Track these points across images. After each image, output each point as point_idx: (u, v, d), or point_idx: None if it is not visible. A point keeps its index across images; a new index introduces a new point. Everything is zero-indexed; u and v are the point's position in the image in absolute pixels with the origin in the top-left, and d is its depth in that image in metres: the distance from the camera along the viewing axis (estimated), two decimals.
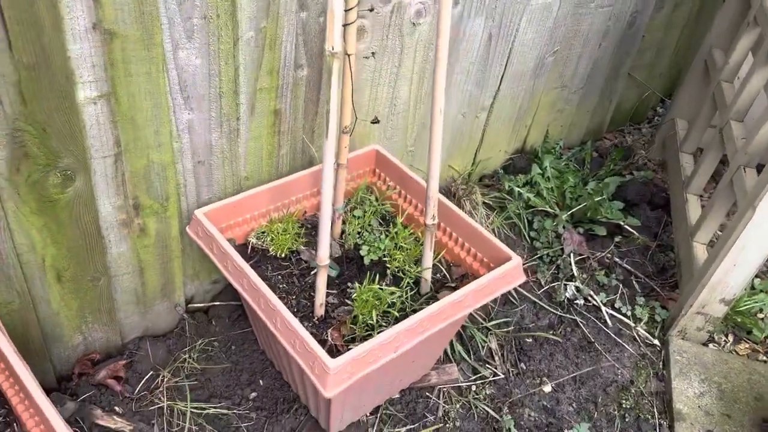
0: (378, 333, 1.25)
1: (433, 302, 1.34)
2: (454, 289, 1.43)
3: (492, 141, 2.28)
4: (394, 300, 1.34)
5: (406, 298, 1.38)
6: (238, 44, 1.34)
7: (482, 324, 1.88)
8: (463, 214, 1.48)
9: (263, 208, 1.53)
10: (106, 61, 1.17)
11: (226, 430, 1.53)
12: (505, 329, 1.88)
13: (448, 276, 1.48)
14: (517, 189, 2.26)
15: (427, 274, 1.41)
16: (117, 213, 1.39)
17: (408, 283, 1.41)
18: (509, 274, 1.39)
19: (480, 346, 1.82)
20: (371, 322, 1.29)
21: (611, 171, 2.48)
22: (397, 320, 1.31)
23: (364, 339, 1.28)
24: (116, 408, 1.53)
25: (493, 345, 1.84)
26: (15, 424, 1.12)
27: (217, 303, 1.78)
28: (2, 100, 1.09)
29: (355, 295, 1.34)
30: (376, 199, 1.59)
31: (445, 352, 1.77)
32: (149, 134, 1.32)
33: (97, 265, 1.43)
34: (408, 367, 1.49)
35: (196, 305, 1.75)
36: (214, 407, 1.56)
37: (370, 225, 1.57)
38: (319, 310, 1.35)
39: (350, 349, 1.20)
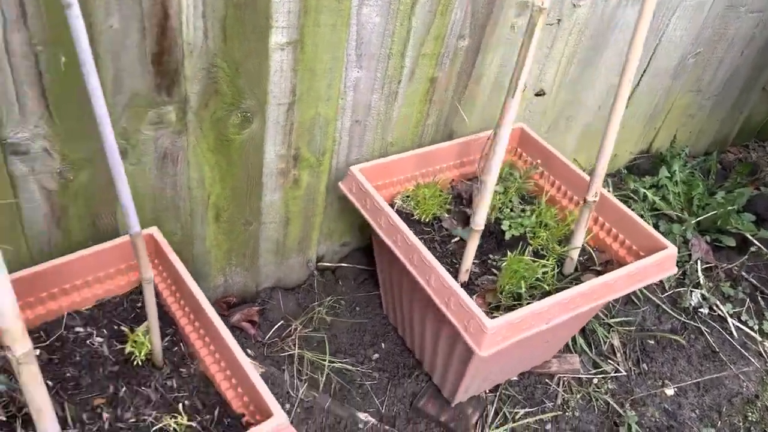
0: (526, 304, 1.24)
1: (576, 284, 1.32)
2: (599, 273, 1.41)
3: (620, 138, 2.23)
4: (544, 273, 1.34)
5: (552, 275, 1.37)
6: (415, 6, 1.36)
7: (603, 320, 1.84)
8: (615, 198, 1.46)
9: (409, 173, 1.55)
10: (300, 9, 1.22)
11: (351, 385, 1.56)
12: (627, 328, 1.84)
13: (594, 261, 1.46)
14: (642, 190, 2.21)
15: (575, 254, 1.40)
16: (278, 161, 1.44)
17: (552, 261, 1.40)
18: (663, 263, 1.35)
19: (601, 341, 1.79)
20: (520, 291, 1.29)
21: (737, 184, 2.38)
22: (544, 295, 1.30)
23: (509, 309, 1.28)
24: (248, 350, 1.58)
25: (615, 342, 1.80)
26: (181, 344, 1.18)
27: (344, 264, 1.82)
28: (207, 34, 1.15)
29: (504, 264, 1.34)
30: (520, 177, 1.58)
31: (566, 342, 1.74)
32: (322, 87, 1.37)
33: (251, 210, 1.49)
34: (540, 347, 1.48)
35: (324, 264, 1.80)
36: (340, 362, 1.60)
37: (510, 201, 1.57)
38: (464, 276, 1.36)
39: (495, 317, 1.20)
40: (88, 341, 1.15)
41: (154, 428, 1.02)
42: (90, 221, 1.26)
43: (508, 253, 1.38)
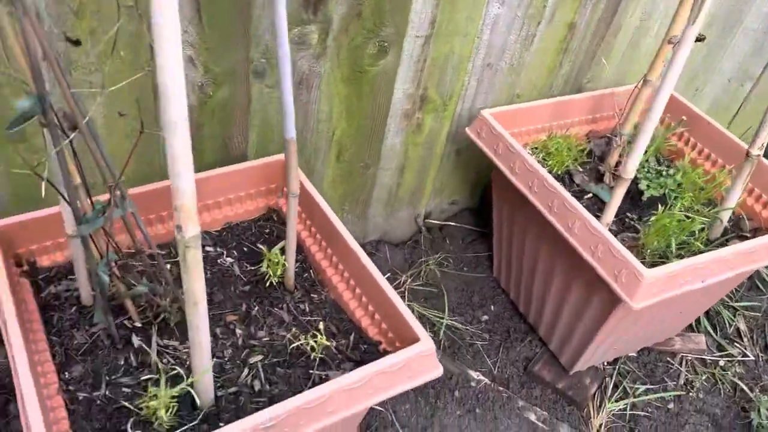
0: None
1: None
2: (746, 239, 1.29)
3: (746, 117, 2.08)
4: (699, 234, 1.23)
5: (703, 237, 1.26)
6: None
7: (728, 303, 1.71)
8: None
9: (539, 124, 1.47)
10: None
11: (461, 342, 1.49)
12: (753, 313, 1.70)
13: (743, 225, 1.34)
14: None
15: (726, 216, 1.28)
16: (405, 101, 1.39)
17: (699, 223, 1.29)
18: None
19: (727, 323, 1.66)
20: (666, 250, 1.19)
21: None
22: (693, 254, 1.20)
23: (652, 266, 1.18)
24: None
25: (742, 326, 1.66)
26: (311, 271, 1.14)
27: (452, 223, 1.75)
28: None
29: (652, 219, 1.24)
30: (661, 137, 1.47)
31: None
32: (461, 19, 1.30)
33: (371, 153, 1.44)
34: (671, 317, 1.37)
35: (431, 221, 1.74)
36: (450, 319, 1.53)
37: (647, 162, 1.46)
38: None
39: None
40: (218, 260, 1.12)
41: (292, 346, 0.98)
42: (222, 143, 1.23)
43: (667, 204, 1.28)
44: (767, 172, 1.35)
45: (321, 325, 1.01)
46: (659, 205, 1.32)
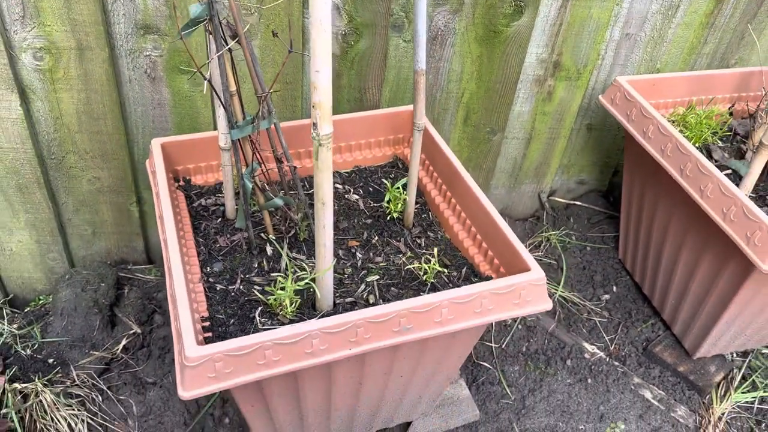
0: None
1: None
2: None
3: None
4: None
5: None
6: None
7: None
8: None
9: (678, 97, 1.42)
10: None
11: (578, 316, 1.47)
12: None
13: None
14: None
15: None
16: (537, 66, 1.40)
17: None
18: None
19: None
20: None
21: None
22: None
23: None
24: None
25: None
26: (429, 212, 1.18)
27: (578, 203, 1.72)
28: None
29: None
30: None
31: None
32: None
33: (499, 119, 1.47)
34: None
35: (556, 199, 1.72)
36: (568, 293, 1.51)
37: None
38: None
39: None
40: (345, 196, 1.20)
41: (406, 268, 1.03)
42: (358, 94, 1.32)
43: None
44: None
45: (435, 253, 1.06)
46: None
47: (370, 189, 1.23)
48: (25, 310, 1.37)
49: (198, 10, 0.82)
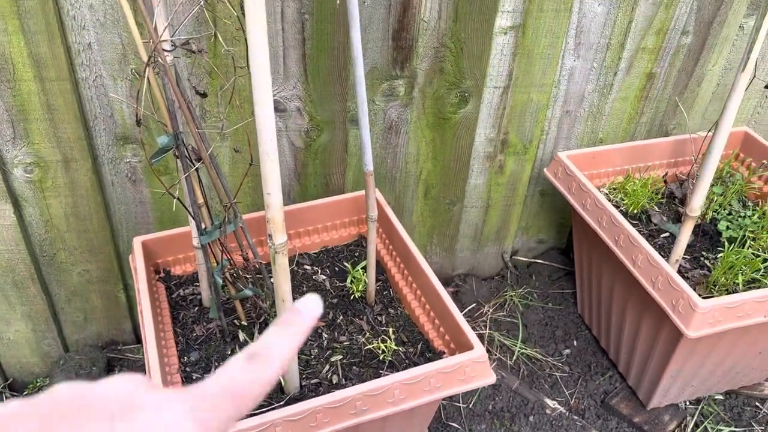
0: None
1: None
2: None
3: None
4: (764, 271, 1.25)
5: None
6: None
7: None
8: None
9: (618, 166, 1.55)
10: None
11: (540, 372, 1.57)
12: None
13: None
14: None
15: None
16: (487, 144, 1.53)
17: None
18: None
19: None
20: (736, 282, 1.22)
21: None
22: None
23: None
24: None
25: None
26: (390, 289, 1.29)
27: (539, 261, 1.84)
28: (441, 14, 1.29)
29: (720, 256, 1.27)
30: (742, 179, 1.50)
31: None
32: (537, 72, 1.44)
33: (457, 191, 1.59)
34: (750, 356, 1.36)
35: (519, 258, 1.84)
36: (531, 349, 1.61)
37: (729, 204, 1.48)
38: (673, 266, 1.32)
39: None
40: (314, 277, 1.31)
41: (365, 348, 1.14)
42: (323, 180, 1.45)
43: (737, 242, 1.31)
44: None
45: (392, 333, 1.17)
46: (734, 247, 1.35)
47: (336, 269, 1.34)
48: (24, 393, 1.46)
49: (165, 140, 0.94)
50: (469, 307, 1.72)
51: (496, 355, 1.60)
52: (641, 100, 1.58)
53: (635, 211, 1.47)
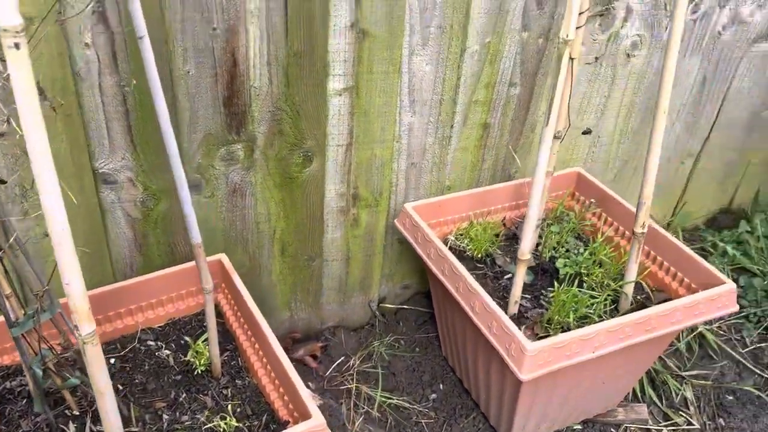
0: None
1: None
2: None
3: (696, 192, 2.18)
4: (593, 308, 1.33)
5: (605, 311, 1.36)
6: (463, 55, 1.47)
7: (676, 372, 1.76)
8: (671, 235, 1.44)
9: (463, 212, 1.62)
10: (355, 57, 1.35)
11: (407, 422, 1.58)
12: (703, 381, 1.74)
13: (651, 299, 1.43)
14: (721, 244, 2.13)
15: (629, 289, 1.38)
16: (338, 200, 1.56)
17: (607, 297, 1.39)
18: (721, 298, 1.31)
19: (673, 393, 1.70)
20: (567, 321, 1.29)
21: None
22: None
23: None
24: (309, 383, 1.65)
25: (689, 394, 1.70)
26: (239, 358, 1.27)
27: (406, 307, 1.87)
28: (272, 80, 1.30)
29: (552, 295, 1.35)
30: (576, 217, 1.60)
31: (635, 393, 1.68)
32: (377, 129, 1.48)
33: (314, 246, 1.60)
34: (596, 386, 1.44)
35: (387, 306, 1.86)
36: (397, 399, 1.62)
37: (566, 241, 1.58)
38: (513, 308, 1.38)
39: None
40: (157, 353, 1.26)
41: (205, 427, 1.10)
42: (168, 249, 1.41)
43: (566, 281, 1.39)
44: (669, 244, 1.45)
45: (238, 409, 1.14)
46: (574, 282, 1.43)
47: (182, 342, 1.30)
48: None
49: None
50: (338, 361, 1.71)
51: (363, 408, 1.60)
52: (480, 149, 1.66)
53: (480, 255, 1.53)
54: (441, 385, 1.68)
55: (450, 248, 1.57)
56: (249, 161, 1.39)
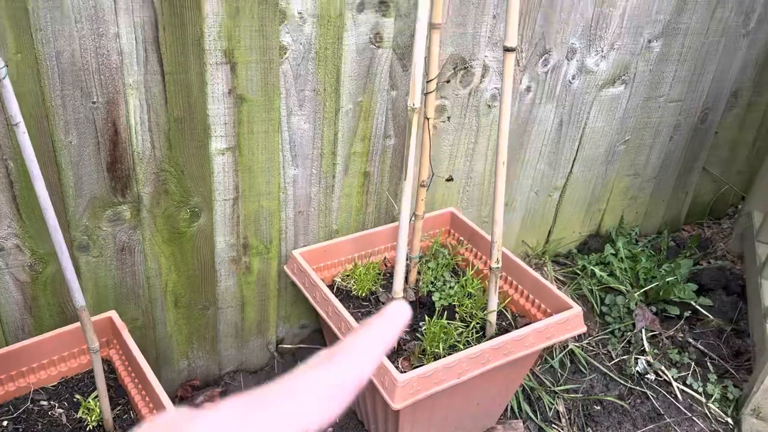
0: None
1: None
2: None
3: (565, 221, 2.42)
4: (461, 337, 1.48)
5: (473, 338, 1.52)
6: (339, 114, 1.62)
7: (551, 388, 1.94)
8: (528, 267, 1.63)
9: (348, 255, 1.74)
10: (235, 120, 1.47)
11: None
12: (574, 395, 1.94)
13: (513, 325, 1.60)
14: (590, 267, 2.36)
15: (492, 317, 1.55)
16: (229, 250, 1.65)
17: (474, 325, 1.55)
18: (570, 321, 1.50)
19: (547, 407, 1.88)
20: (438, 351, 1.44)
21: (686, 257, 2.53)
22: None
23: None
24: None
25: (561, 408, 1.89)
26: (131, 412, 1.33)
27: (304, 346, 1.97)
28: (155, 144, 1.39)
29: (424, 328, 1.49)
30: (449, 254, 1.77)
31: (512, 409, 1.84)
32: (262, 183, 1.59)
33: (208, 295, 1.68)
34: (472, 408, 1.59)
35: (285, 346, 1.95)
36: None
37: (442, 276, 1.74)
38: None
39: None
40: (49, 413, 1.30)
41: None
42: (59, 309, 1.45)
43: (436, 314, 1.54)
44: (525, 274, 1.64)
45: None
46: (445, 314, 1.58)
47: (75, 399, 1.34)
48: None
49: None
50: None
51: None
52: (363, 195, 1.80)
53: (364, 294, 1.66)
54: (337, 419, 1.78)
55: (337, 289, 1.69)
56: (136, 220, 1.46)
